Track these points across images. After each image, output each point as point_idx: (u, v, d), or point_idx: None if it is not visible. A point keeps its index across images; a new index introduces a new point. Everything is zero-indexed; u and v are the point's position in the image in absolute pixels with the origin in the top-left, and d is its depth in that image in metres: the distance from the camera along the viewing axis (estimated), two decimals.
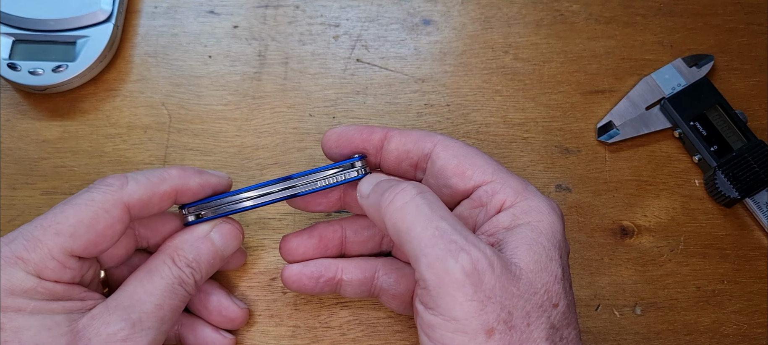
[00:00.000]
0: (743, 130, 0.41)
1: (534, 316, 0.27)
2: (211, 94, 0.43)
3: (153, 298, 0.29)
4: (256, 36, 0.44)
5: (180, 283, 0.30)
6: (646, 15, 0.46)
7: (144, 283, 0.30)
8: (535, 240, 0.28)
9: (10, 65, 0.41)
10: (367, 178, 0.32)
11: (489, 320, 0.26)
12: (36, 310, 0.27)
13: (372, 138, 0.33)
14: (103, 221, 0.29)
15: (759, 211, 0.40)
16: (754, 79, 0.44)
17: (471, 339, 0.26)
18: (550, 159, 0.42)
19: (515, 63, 0.44)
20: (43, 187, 0.40)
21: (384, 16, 0.45)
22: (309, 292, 0.35)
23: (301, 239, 0.35)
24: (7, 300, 0.27)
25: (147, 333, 0.28)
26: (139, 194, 0.30)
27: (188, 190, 0.32)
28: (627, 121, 0.42)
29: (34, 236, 0.28)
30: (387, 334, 0.37)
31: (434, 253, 0.26)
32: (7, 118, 0.42)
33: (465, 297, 0.26)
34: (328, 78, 0.43)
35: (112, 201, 0.29)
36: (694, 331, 0.38)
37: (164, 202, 0.31)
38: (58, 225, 0.28)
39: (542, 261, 0.28)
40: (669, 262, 0.39)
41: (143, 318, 0.29)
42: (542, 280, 0.27)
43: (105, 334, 0.28)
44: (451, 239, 0.27)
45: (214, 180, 0.33)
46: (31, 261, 0.28)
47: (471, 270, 0.26)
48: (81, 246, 0.29)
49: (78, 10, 0.42)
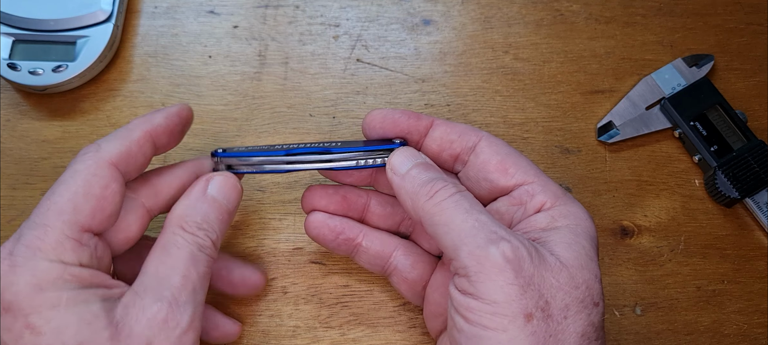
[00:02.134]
0: (743, 130, 0.41)
1: (573, 310, 0.27)
2: (211, 94, 0.43)
3: (178, 271, 0.28)
4: (256, 36, 0.44)
5: (199, 248, 0.30)
6: (646, 15, 0.46)
7: (163, 259, 0.29)
8: (575, 240, 0.29)
9: (10, 65, 0.41)
10: (400, 152, 0.32)
11: (528, 305, 0.26)
12: (71, 301, 0.26)
13: (418, 124, 0.34)
14: (96, 185, 0.28)
15: (759, 211, 0.40)
16: (754, 79, 0.44)
17: (511, 322, 0.26)
18: (550, 159, 0.42)
19: (515, 63, 0.44)
20: (43, 187, 0.40)
21: (384, 16, 0.45)
22: (326, 245, 0.35)
23: (325, 192, 0.35)
24: (37, 298, 0.26)
25: (185, 308, 0.28)
26: (117, 148, 0.29)
27: (158, 127, 0.31)
28: (627, 121, 0.42)
29: (39, 223, 0.27)
30: (387, 334, 0.37)
31: (475, 242, 0.27)
32: (7, 118, 0.42)
33: (506, 281, 0.26)
34: (328, 78, 0.43)
35: (96, 164, 0.29)
36: (694, 331, 0.38)
37: (145, 149, 0.31)
38: (55, 205, 0.28)
39: (583, 258, 0.28)
40: (669, 262, 0.39)
41: (176, 293, 0.28)
42: (583, 276, 0.28)
43: (145, 319, 0.27)
44: (492, 230, 0.28)
45: (174, 109, 0.32)
46: (48, 247, 0.27)
47: (512, 256, 0.27)
48: (87, 215, 0.28)
49: (78, 10, 0.42)
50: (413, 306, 0.37)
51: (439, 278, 0.34)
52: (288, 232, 0.39)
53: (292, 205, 0.40)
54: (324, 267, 0.38)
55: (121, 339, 0.26)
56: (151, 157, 0.31)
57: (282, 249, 0.39)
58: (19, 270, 0.26)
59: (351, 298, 0.38)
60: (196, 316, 0.28)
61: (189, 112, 0.33)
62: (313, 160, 0.33)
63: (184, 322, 0.27)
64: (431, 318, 0.34)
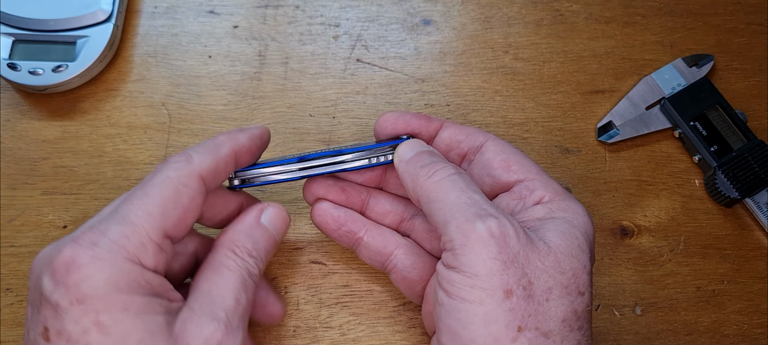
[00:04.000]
0: (743, 130, 0.41)
1: (556, 294, 0.27)
2: (211, 94, 0.43)
3: (230, 294, 0.28)
4: (256, 36, 0.44)
5: (248, 274, 0.30)
6: (646, 15, 0.46)
7: (216, 281, 0.29)
8: (568, 230, 0.29)
9: (10, 65, 0.41)
10: (408, 142, 0.34)
11: (508, 281, 0.27)
12: (141, 308, 0.26)
13: (429, 126, 0.35)
14: (185, 195, 0.28)
15: (759, 211, 0.40)
16: (754, 79, 0.44)
17: (489, 295, 0.27)
18: (550, 159, 0.42)
19: (515, 63, 0.44)
20: (43, 187, 0.40)
21: (384, 16, 0.45)
22: (329, 234, 0.36)
23: (325, 182, 0.36)
24: (114, 297, 0.25)
25: (237, 331, 0.28)
26: (207, 163, 0.30)
27: (242, 147, 0.32)
28: (627, 121, 0.42)
29: (129, 221, 0.27)
30: (387, 334, 0.37)
31: (464, 216, 0.28)
32: (7, 118, 0.42)
33: (489, 254, 0.27)
34: (328, 78, 0.43)
35: (188, 174, 0.29)
36: (694, 331, 0.38)
37: (229, 166, 0.31)
38: (147, 206, 0.27)
39: (573, 247, 0.29)
40: (669, 262, 0.39)
41: (230, 316, 0.28)
42: (571, 263, 0.28)
43: (202, 337, 0.27)
44: (482, 207, 0.28)
45: (256, 131, 0.33)
46: (132, 247, 0.26)
47: (497, 232, 0.27)
48: (173, 223, 0.28)
49: (78, 10, 0.42)
50: (413, 306, 0.37)
51: None
52: (288, 232, 0.39)
53: (292, 206, 0.40)
54: (324, 267, 0.38)
55: None
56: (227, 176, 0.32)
57: (282, 249, 0.39)
58: (101, 264, 0.26)
59: (351, 298, 0.38)
60: (245, 340, 0.29)
61: (268, 135, 0.34)
62: (326, 163, 0.34)
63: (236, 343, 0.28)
64: (429, 316, 0.34)
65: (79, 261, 0.25)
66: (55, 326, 0.25)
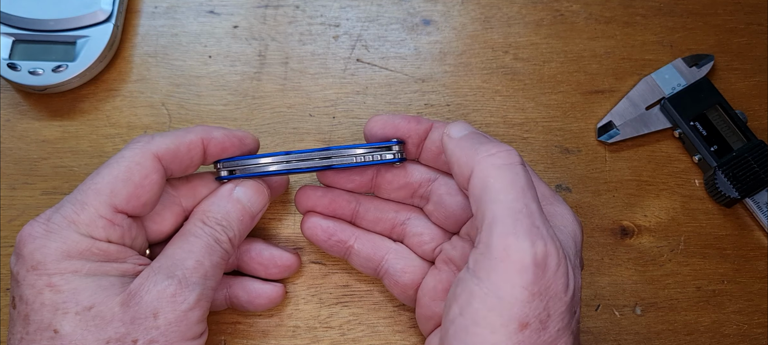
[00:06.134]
0: (743, 130, 0.41)
1: (565, 321, 0.26)
2: (211, 94, 0.43)
3: (191, 256, 0.31)
4: (256, 36, 0.44)
5: (215, 240, 0.32)
6: (646, 15, 0.46)
7: (182, 245, 0.31)
8: (564, 242, 0.28)
9: (10, 65, 0.41)
10: (458, 122, 0.32)
11: (528, 314, 0.25)
12: (91, 271, 0.29)
13: (418, 128, 0.34)
14: (137, 172, 0.31)
15: (759, 211, 0.40)
16: (754, 79, 0.44)
17: (503, 325, 0.25)
18: (550, 159, 0.42)
19: (515, 63, 0.44)
20: (43, 187, 0.40)
21: (384, 16, 0.45)
22: (319, 245, 0.36)
23: (315, 192, 0.36)
24: (64, 263, 0.29)
25: (193, 288, 0.30)
26: (166, 144, 0.32)
27: (214, 139, 0.33)
28: (627, 121, 0.42)
29: (78, 200, 0.30)
30: (387, 334, 0.37)
31: (514, 228, 0.26)
32: (7, 118, 0.42)
33: (521, 282, 0.25)
34: (328, 78, 0.43)
35: (142, 153, 0.31)
36: (694, 331, 0.38)
37: (193, 152, 0.33)
38: (96, 185, 0.30)
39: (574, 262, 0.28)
40: (669, 262, 0.39)
41: (187, 274, 0.30)
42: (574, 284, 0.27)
43: (155, 291, 0.29)
44: (536, 224, 0.26)
45: (239, 133, 0.34)
46: (82, 222, 0.30)
47: (541, 261, 0.25)
48: (123, 199, 0.30)
49: (78, 10, 0.42)
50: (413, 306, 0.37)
51: (431, 282, 0.34)
52: (288, 233, 0.39)
53: (292, 206, 0.40)
54: (324, 267, 0.38)
55: (130, 305, 0.29)
56: (199, 162, 0.34)
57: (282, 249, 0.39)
58: (52, 236, 0.29)
59: (351, 298, 0.38)
60: (203, 298, 0.30)
61: (252, 141, 0.35)
62: (313, 159, 0.33)
63: (191, 300, 0.29)
64: (424, 320, 0.34)
65: (34, 234, 0.29)
66: (17, 293, 0.29)
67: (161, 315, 0.29)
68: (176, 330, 0.29)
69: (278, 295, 0.36)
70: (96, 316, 0.28)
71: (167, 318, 0.29)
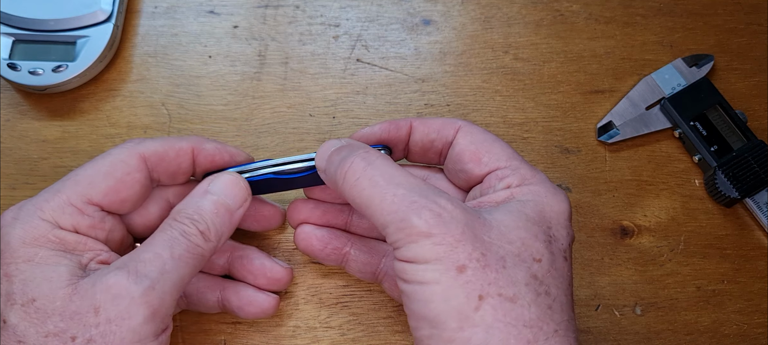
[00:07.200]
0: (743, 130, 0.41)
1: (510, 262, 0.27)
2: (211, 94, 0.43)
3: (150, 248, 0.29)
4: (256, 36, 0.44)
5: (181, 233, 0.30)
6: (646, 15, 0.46)
7: (147, 241, 0.30)
8: (515, 207, 0.29)
9: (10, 65, 0.41)
10: (319, 149, 0.32)
11: (459, 258, 0.27)
12: (43, 259, 0.29)
13: (399, 132, 0.34)
14: (120, 169, 0.31)
15: (759, 211, 0.40)
16: (754, 79, 0.44)
17: (443, 274, 0.27)
18: (550, 159, 0.42)
19: (515, 63, 0.44)
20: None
21: (384, 16, 0.45)
22: (315, 256, 0.36)
23: (306, 205, 0.36)
24: (20, 250, 0.29)
25: (141, 280, 0.28)
26: (155, 147, 0.32)
27: (204, 150, 0.33)
28: (627, 121, 0.42)
29: (55, 188, 0.30)
30: (387, 334, 0.37)
31: (398, 217, 0.28)
32: (7, 118, 0.42)
33: (433, 242, 0.27)
34: (328, 78, 0.43)
35: (128, 152, 0.31)
36: (694, 331, 0.38)
37: (181, 158, 0.33)
38: (76, 176, 0.31)
39: (520, 221, 0.29)
40: (669, 262, 0.39)
41: (139, 266, 0.28)
42: (518, 234, 0.28)
43: (100, 285, 0.28)
44: (412, 200, 0.28)
45: (232, 149, 0.34)
46: (48, 208, 0.30)
47: (435, 221, 0.27)
48: (100, 192, 0.30)
49: (78, 10, 0.42)
50: None
51: None
52: (288, 233, 0.39)
53: None
54: (324, 267, 0.38)
55: (73, 299, 0.28)
56: (188, 170, 0.34)
57: (282, 249, 0.39)
58: (17, 223, 0.29)
59: (351, 298, 0.38)
60: (154, 292, 0.28)
61: (243, 158, 0.35)
62: (300, 166, 0.33)
63: (136, 293, 0.27)
64: None
65: (5, 222, 0.29)
66: None
67: (102, 311, 0.27)
68: (116, 329, 0.27)
69: (271, 306, 0.35)
70: (38, 309, 0.27)
71: (108, 314, 0.27)
